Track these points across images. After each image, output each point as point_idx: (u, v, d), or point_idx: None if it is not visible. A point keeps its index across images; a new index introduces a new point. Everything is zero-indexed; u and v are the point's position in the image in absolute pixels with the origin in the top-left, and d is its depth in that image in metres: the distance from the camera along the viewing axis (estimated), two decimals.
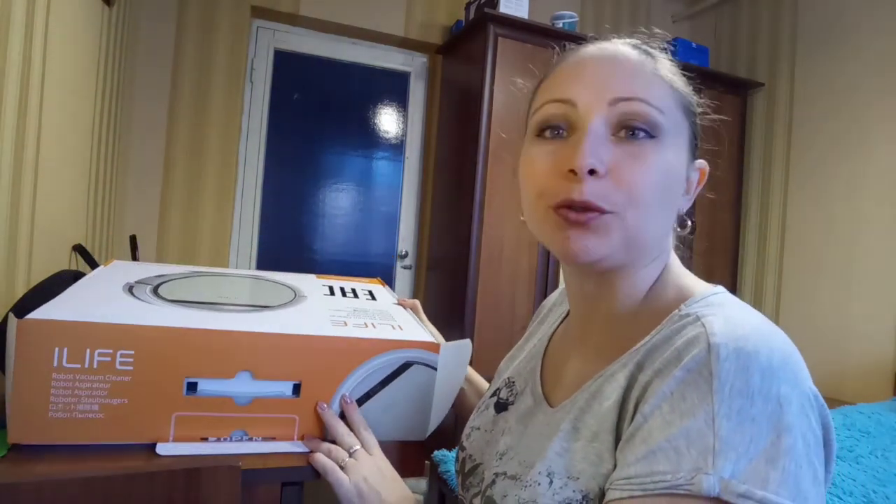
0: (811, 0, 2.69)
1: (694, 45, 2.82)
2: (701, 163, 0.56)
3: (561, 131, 0.51)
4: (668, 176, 0.50)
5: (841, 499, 1.26)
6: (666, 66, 0.53)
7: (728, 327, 0.43)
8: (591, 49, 0.54)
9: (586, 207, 0.47)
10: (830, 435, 0.43)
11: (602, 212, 0.48)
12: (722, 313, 0.45)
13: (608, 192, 0.47)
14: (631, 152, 0.48)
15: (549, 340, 0.67)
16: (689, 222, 0.56)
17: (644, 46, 0.54)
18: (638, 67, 0.51)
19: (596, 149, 0.47)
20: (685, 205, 0.55)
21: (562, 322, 0.68)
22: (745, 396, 0.40)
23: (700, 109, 0.56)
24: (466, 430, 0.67)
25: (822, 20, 2.64)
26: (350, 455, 0.67)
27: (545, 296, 2.47)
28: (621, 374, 0.49)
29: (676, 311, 0.49)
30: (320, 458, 0.67)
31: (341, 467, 0.66)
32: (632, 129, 0.48)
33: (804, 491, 0.39)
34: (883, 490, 1.32)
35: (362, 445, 0.69)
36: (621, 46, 0.53)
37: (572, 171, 0.47)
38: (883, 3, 2.39)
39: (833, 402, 2.16)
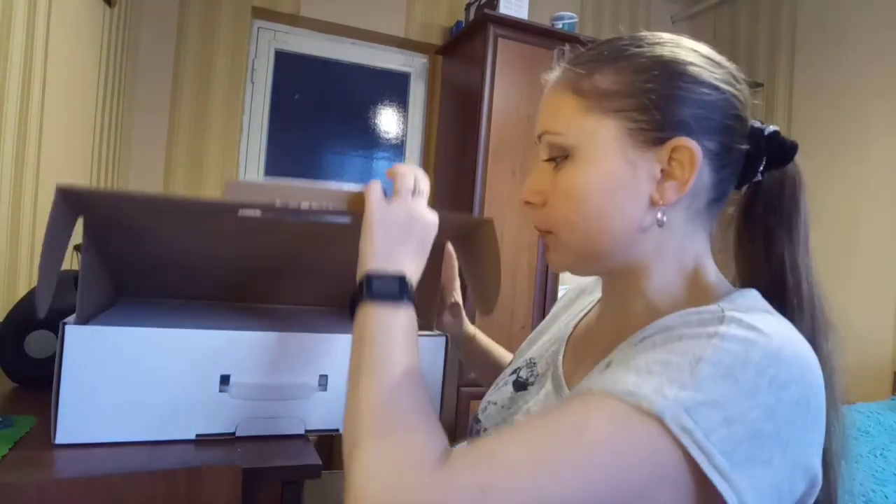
0: (810, 1, 2.69)
1: None
2: (675, 143, 0.49)
3: None
4: (589, 188, 0.51)
5: (840, 498, 1.27)
6: (579, 72, 0.52)
7: (750, 315, 0.43)
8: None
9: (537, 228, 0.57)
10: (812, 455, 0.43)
11: (546, 232, 0.56)
12: (749, 308, 0.45)
13: (544, 219, 0.56)
14: (555, 179, 0.54)
15: (575, 327, 0.67)
16: (661, 215, 0.51)
17: (565, 58, 0.56)
18: (552, 96, 0.55)
19: (532, 182, 0.56)
20: (672, 193, 0.50)
21: (590, 311, 0.69)
22: (740, 361, 0.40)
23: (649, 85, 0.49)
24: (483, 404, 0.68)
25: (820, 21, 2.64)
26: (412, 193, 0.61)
27: (545, 296, 2.48)
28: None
29: (693, 308, 0.48)
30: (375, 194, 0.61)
31: (394, 194, 0.60)
32: (552, 160, 0.54)
33: (744, 463, 0.38)
34: (882, 489, 1.32)
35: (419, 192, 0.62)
36: (554, 72, 0.56)
37: None
38: (881, 4, 2.39)
39: None
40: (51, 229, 0.57)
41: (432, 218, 0.61)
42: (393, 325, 0.52)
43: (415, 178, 0.61)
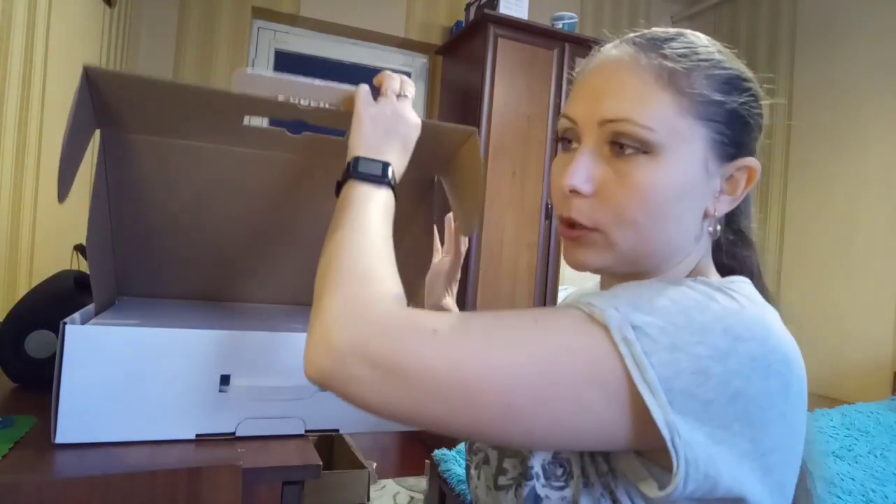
0: (810, 1, 2.69)
1: None
2: (746, 162, 0.51)
3: (571, 143, 0.53)
4: (663, 190, 0.48)
5: (840, 498, 1.27)
6: (678, 70, 0.49)
7: (727, 287, 0.44)
8: (597, 59, 0.53)
9: (573, 224, 0.51)
10: (762, 416, 0.41)
11: (587, 229, 0.50)
12: (732, 287, 0.46)
13: (593, 211, 0.50)
14: (619, 170, 0.49)
15: None
16: (718, 227, 0.53)
17: (655, 47, 0.50)
18: (632, 81, 0.49)
19: (583, 169, 0.50)
20: (724, 206, 0.52)
21: None
22: (699, 307, 0.41)
23: (735, 105, 0.50)
24: None
25: (820, 20, 2.64)
26: (396, 96, 0.64)
27: (545, 294, 2.48)
28: None
29: None
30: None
31: (381, 95, 0.64)
32: (620, 145, 0.49)
33: (678, 393, 0.38)
34: (882, 489, 1.32)
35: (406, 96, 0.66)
36: (623, 52, 0.51)
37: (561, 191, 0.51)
38: (880, 4, 2.39)
39: (832, 401, 2.16)
40: (74, 113, 0.61)
41: (415, 119, 0.64)
42: (372, 198, 0.55)
43: (401, 81, 0.65)
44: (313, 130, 0.76)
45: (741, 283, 0.48)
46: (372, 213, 0.54)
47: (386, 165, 0.59)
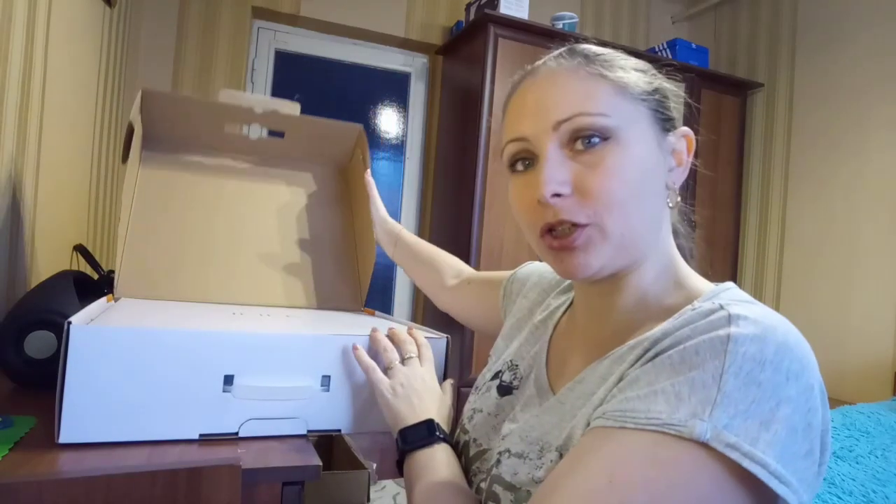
0: (810, 1, 2.69)
1: (693, 45, 2.82)
2: (682, 131, 0.56)
3: (527, 162, 0.55)
4: (634, 168, 0.51)
5: (840, 498, 1.27)
6: (602, 62, 0.53)
7: (747, 308, 0.45)
8: (528, 80, 0.57)
9: (563, 225, 0.51)
10: (827, 433, 0.44)
11: (580, 226, 0.50)
12: (739, 300, 0.47)
13: (579, 207, 0.50)
14: (588, 162, 0.50)
15: (554, 329, 0.67)
16: (679, 198, 0.56)
17: (576, 52, 0.55)
18: (570, 81, 0.53)
19: (554, 173, 0.51)
20: (678, 178, 0.55)
21: (566, 311, 0.68)
22: (757, 362, 0.41)
23: (656, 82, 0.55)
24: (467, 412, 0.68)
25: (821, 20, 2.64)
26: (402, 361, 0.72)
27: None
28: (631, 355, 0.49)
29: (689, 306, 0.49)
30: (362, 355, 0.72)
31: (389, 369, 0.71)
32: (586, 139, 0.51)
33: (791, 460, 0.40)
34: (882, 490, 1.32)
35: (419, 357, 0.73)
36: (551, 64, 0.55)
37: (539, 202, 0.51)
38: (881, 4, 2.39)
39: (833, 401, 2.16)
40: None
41: (429, 373, 0.72)
42: (429, 462, 0.59)
43: (396, 345, 0.73)
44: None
45: (736, 299, 0.48)
46: (439, 471, 0.58)
47: (430, 423, 0.63)
